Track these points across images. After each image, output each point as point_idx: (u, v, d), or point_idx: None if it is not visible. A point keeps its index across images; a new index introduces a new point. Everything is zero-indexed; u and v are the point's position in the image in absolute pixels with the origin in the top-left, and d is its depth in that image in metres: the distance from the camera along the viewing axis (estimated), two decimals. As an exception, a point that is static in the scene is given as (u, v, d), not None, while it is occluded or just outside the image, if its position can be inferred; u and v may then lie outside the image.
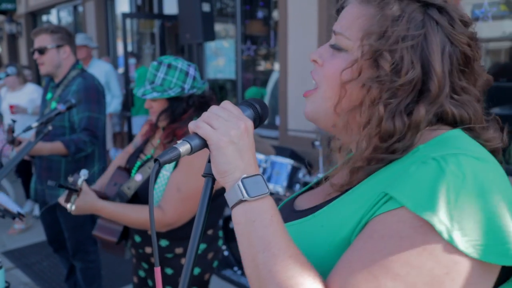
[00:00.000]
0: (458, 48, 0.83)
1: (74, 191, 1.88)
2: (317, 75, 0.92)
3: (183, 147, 0.81)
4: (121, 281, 3.99)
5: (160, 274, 0.78)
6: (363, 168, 0.84)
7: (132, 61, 7.98)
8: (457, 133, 0.83)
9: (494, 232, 0.69)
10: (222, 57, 7.83)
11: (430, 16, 0.83)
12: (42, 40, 2.97)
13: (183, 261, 2.15)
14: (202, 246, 2.15)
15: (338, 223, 0.82)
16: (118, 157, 2.43)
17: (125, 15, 7.92)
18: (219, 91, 8.02)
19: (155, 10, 8.81)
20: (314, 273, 0.75)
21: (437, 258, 0.69)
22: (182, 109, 2.05)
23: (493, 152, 0.85)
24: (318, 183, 1.08)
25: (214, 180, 0.86)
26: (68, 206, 1.89)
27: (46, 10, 12.70)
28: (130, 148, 2.40)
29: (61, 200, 1.94)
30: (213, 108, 0.86)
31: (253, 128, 0.86)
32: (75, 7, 11.34)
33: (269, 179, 3.95)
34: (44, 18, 13.32)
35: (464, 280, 0.69)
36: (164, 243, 2.11)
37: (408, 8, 0.83)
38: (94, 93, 2.94)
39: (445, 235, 0.68)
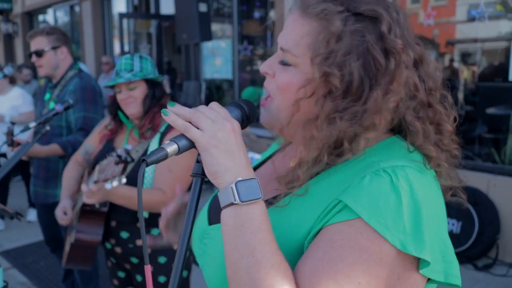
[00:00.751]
0: (388, 60, 0.85)
1: (131, 161, 1.88)
2: (270, 86, 0.94)
3: (171, 147, 0.82)
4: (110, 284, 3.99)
5: (150, 272, 0.78)
6: (310, 169, 0.87)
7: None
8: (396, 139, 0.90)
9: (440, 247, 0.81)
10: (219, 57, 7.84)
11: (366, 27, 0.85)
12: (39, 42, 2.96)
13: (176, 247, 2.17)
14: None
15: (290, 229, 0.85)
16: (68, 167, 2.45)
17: (122, 15, 7.92)
18: (216, 91, 8.03)
19: (152, 10, 8.81)
20: (293, 283, 0.77)
21: (391, 267, 0.77)
22: (162, 92, 2.19)
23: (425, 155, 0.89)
24: (259, 165, 1.13)
25: (202, 179, 0.86)
26: (123, 179, 1.88)
27: (42, 10, 12.69)
28: (78, 156, 2.41)
29: (117, 173, 1.89)
30: (201, 108, 0.86)
31: (240, 129, 0.87)
32: (71, 7, 11.34)
33: (266, 179, 3.97)
34: (41, 17, 13.30)
35: (412, 283, 0.80)
36: (156, 231, 2.15)
37: (349, 21, 0.85)
38: (90, 93, 2.95)
39: (398, 246, 0.76)
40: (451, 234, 4.34)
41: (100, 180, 1.89)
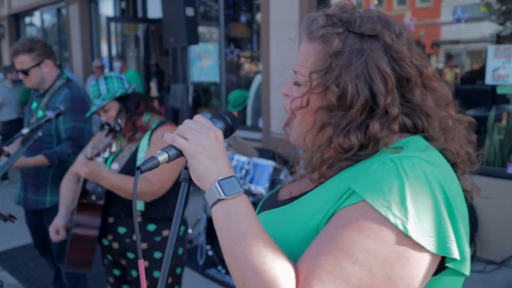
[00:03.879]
0: (400, 68, 0.94)
1: (119, 130, 2.13)
2: (288, 106, 1.05)
3: (162, 156, 0.93)
4: (106, 282, 4.05)
5: (143, 267, 0.89)
6: (332, 166, 0.96)
7: (116, 64, 8.03)
8: (415, 138, 0.96)
9: (439, 228, 0.82)
10: (206, 60, 7.92)
11: (366, 44, 0.94)
12: (22, 62, 2.98)
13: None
14: (182, 228, 2.39)
15: (310, 213, 0.93)
16: (65, 180, 2.59)
17: (109, 19, 7.96)
18: (203, 94, 8.11)
19: (139, 13, 8.86)
20: (285, 258, 0.86)
21: (390, 246, 0.81)
22: (135, 103, 2.34)
23: (443, 151, 0.97)
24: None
25: (190, 184, 0.96)
26: (113, 148, 2.09)
27: (29, 12, 12.65)
28: (74, 168, 2.54)
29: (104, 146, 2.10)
30: (186, 122, 0.97)
31: (223, 137, 0.98)
32: (58, 10, 11.32)
33: (251, 181, 4.07)
34: (27, 20, 13.25)
35: (412, 265, 0.82)
36: (152, 227, 2.29)
37: (348, 40, 0.94)
38: (79, 103, 3.01)
39: (400, 227, 0.80)
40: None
41: (93, 155, 2.07)
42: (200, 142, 0.93)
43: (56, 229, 2.45)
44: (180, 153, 0.94)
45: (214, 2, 7.65)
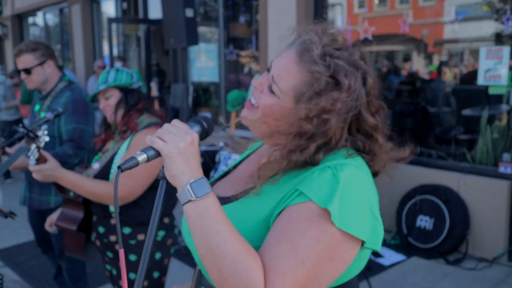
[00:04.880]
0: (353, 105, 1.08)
1: (35, 137, 2.07)
2: (256, 98, 1.16)
3: (141, 157, 1.02)
4: (105, 278, 4.15)
5: (123, 256, 0.96)
6: (266, 180, 1.12)
7: (117, 64, 8.13)
8: (340, 151, 1.12)
9: (365, 221, 1.03)
10: (206, 61, 8.01)
11: (335, 93, 1.07)
12: (25, 61, 3.04)
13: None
14: (162, 233, 2.39)
15: (262, 206, 1.09)
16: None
17: (110, 20, 8.05)
18: (203, 94, 8.20)
19: (140, 14, 8.95)
20: (252, 248, 1.00)
21: (332, 235, 1.00)
22: (136, 99, 2.36)
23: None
24: (228, 172, 1.38)
25: (167, 182, 1.05)
26: (31, 158, 2.09)
27: (32, 12, 12.76)
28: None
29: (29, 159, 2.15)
30: (165, 125, 1.07)
31: (199, 141, 1.08)
32: (61, 10, 11.43)
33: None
34: (30, 20, 13.37)
35: (347, 250, 1.02)
36: (127, 230, 2.33)
37: (329, 86, 1.07)
38: (81, 105, 3.07)
39: (337, 222, 0.99)
40: (424, 231, 4.55)
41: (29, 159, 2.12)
42: (177, 145, 1.02)
43: (50, 222, 2.56)
44: (158, 154, 1.03)
45: (213, 3, 7.74)
